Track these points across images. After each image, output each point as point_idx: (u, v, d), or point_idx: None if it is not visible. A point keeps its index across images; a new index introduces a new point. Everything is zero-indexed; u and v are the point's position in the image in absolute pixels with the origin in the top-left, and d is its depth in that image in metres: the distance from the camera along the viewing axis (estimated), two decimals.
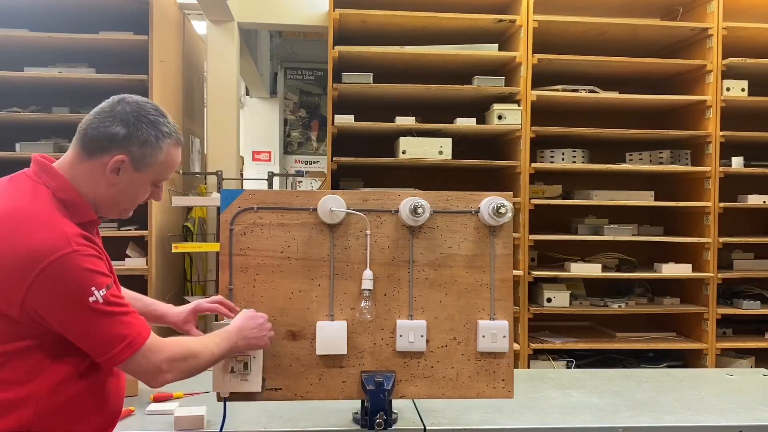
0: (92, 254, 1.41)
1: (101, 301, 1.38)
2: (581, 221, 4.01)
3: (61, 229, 1.38)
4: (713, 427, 2.00)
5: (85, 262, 1.38)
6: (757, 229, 4.34)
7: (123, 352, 1.42)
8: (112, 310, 1.40)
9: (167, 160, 1.54)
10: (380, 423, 1.79)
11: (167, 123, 1.53)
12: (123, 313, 1.43)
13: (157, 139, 1.50)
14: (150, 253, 3.69)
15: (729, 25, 3.78)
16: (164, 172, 1.56)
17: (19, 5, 3.85)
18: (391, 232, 1.89)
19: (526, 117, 3.73)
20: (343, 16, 3.64)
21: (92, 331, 1.40)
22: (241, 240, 1.85)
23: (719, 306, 3.84)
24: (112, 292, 1.41)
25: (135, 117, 1.49)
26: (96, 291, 1.38)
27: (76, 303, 1.37)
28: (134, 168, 1.49)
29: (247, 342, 1.71)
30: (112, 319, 1.40)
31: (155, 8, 3.66)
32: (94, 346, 1.42)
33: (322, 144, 8.39)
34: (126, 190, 1.52)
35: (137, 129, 1.48)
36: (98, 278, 1.39)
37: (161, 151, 1.51)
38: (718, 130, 3.82)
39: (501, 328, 1.87)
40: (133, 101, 1.52)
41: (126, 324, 1.43)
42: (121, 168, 1.48)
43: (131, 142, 1.47)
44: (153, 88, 3.63)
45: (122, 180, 1.49)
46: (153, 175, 1.54)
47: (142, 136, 1.48)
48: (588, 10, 3.94)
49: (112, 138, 1.46)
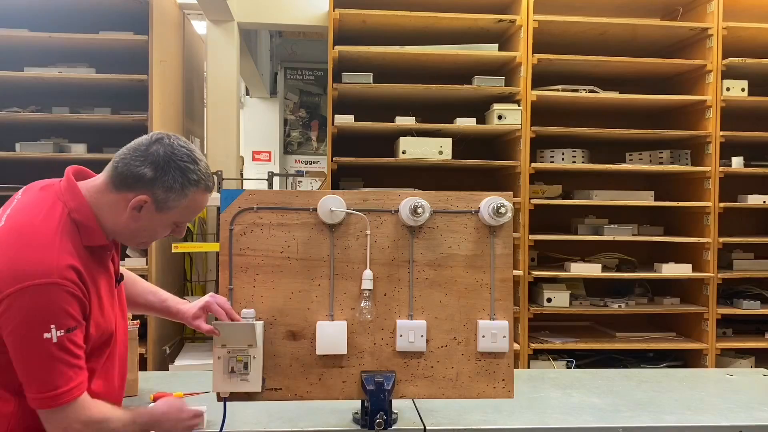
0: (71, 292, 1.41)
1: (54, 341, 1.38)
2: (581, 221, 4.01)
3: (55, 258, 1.40)
4: (713, 427, 1.99)
5: (59, 298, 1.39)
6: (757, 229, 4.34)
7: (46, 400, 1.40)
8: (60, 355, 1.39)
9: (191, 206, 1.56)
10: (380, 423, 1.79)
11: (197, 170, 1.53)
12: (67, 363, 1.41)
13: (183, 187, 1.51)
14: (150, 253, 3.69)
15: (729, 25, 3.78)
16: (187, 216, 1.58)
17: (19, 5, 3.85)
18: (391, 232, 1.89)
19: (526, 117, 3.73)
20: (343, 16, 3.64)
21: (31, 365, 1.40)
22: (241, 240, 1.85)
23: (719, 306, 3.84)
24: (70, 337, 1.41)
25: (165, 161, 1.50)
26: (54, 329, 1.38)
27: (30, 332, 1.38)
28: (156, 209, 1.51)
29: (164, 428, 1.63)
30: (54, 363, 1.39)
31: (155, 8, 3.66)
32: (25, 380, 1.42)
33: (322, 144, 8.39)
34: (146, 227, 1.55)
35: (165, 174, 1.49)
36: (63, 318, 1.39)
37: (186, 197, 1.53)
38: (718, 130, 3.82)
39: (501, 328, 1.87)
40: (168, 144, 1.52)
41: (63, 375, 1.41)
42: (143, 207, 1.50)
43: (156, 186, 1.49)
44: (153, 88, 3.63)
45: (143, 218, 1.52)
46: (175, 217, 1.56)
47: (168, 182, 1.50)
48: (588, 10, 3.94)
49: (139, 178, 1.49)
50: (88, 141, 3.75)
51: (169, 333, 4.10)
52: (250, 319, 1.80)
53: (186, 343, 4.32)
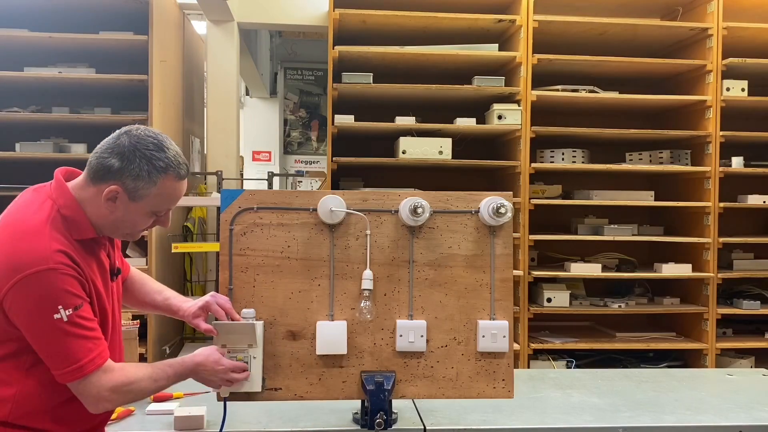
0: (69, 274, 1.47)
1: (65, 320, 1.45)
2: (581, 221, 4.01)
3: (46, 246, 1.46)
4: (713, 427, 2.00)
5: (59, 281, 1.45)
6: (757, 229, 4.34)
7: (72, 373, 1.48)
8: (74, 330, 1.47)
9: (163, 193, 1.57)
10: (380, 423, 1.80)
11: (164, 158, 1.55)
12: (83, 337, 1.48)
13: (149, 174, 1.53)
14: (150, 253, 3.69)
15: (729, 25, 3.78)
16: (162, 204, 1.59)
17: (19, 5, 3.85)
18: (391, 232, 1.89)
19: (526, 117, 3.73)
20: (343, 16, 3.64)
21: (50, 346, 1.47)
22: (241, 240, 1.85)
23: (719, 306, 3.84)
24: (80, 314, 1.48)
25: (130, 151, 1.53)
26: (62, 310, 1.45)
27: (41, 317, 1.45)
28: (129, 198, 1.54)
29: (200, 378, 1.70)
30: (70, 339, 1.47)
31: (155, 8, 3.66)
32: (49, 361, 1.49)
33: (322, 144, 8.39)
34: (124, 218, 1.57)
35: (131, 162, 1.52)
36: (67, 298, 1.46)
37: (155, 185, 1.54)
38: (718, 130, 3.82)
39: (501, 328, 1.87)
40: (135, 135, 1.55)
41: (82, 348, 1.48)
42: (117, 198, 1.54)
43: (124, 175, 1.53)
44: (153, 88, 3.63)
45: (119, 208, 1.55)
46: (150, 206, 1.58)
47: (134, 171, 1.52)
48: (588, 10, 3.94)
49: (108, 169, 1.53)
50: (88, 141, 3.75)
51: (168, 333, 4.10)
52: (250, 319, 1.80)
53: (186, 342, 4.33)
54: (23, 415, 1.49)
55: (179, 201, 1.64)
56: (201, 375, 1.68)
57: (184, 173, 1.60)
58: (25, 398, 1.49)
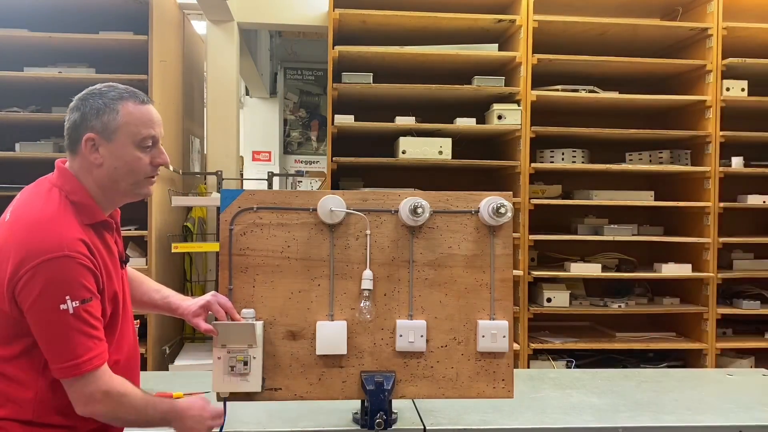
0: (84, 264, 1.45)
1: (71, 311, 1.42)
2: (581, 221, 4.01)
3: (59, 233, 1.45)
4: (713, 427, 1.99)
5: (71, 270, 1.43)
6: (757, 229, 4.34)
7: (69, 369, 1.45)
8: (77, 325, 1.44)
9: (131, 120, 1.56)
10: (380, 423, 1.79)
11: (115, 89, 1.57)
12: (85, 334, 1.45)
13: (107, 105, 1.54)
14: (150, 253, 3.69)
15: (729, 25, 3.78)
16: (137, 131, 1.57)
17: (19, 5, 3.85)
18: (391, 232, 1.89)
19: (526, 117, 3.74)
20: (343, 16, 3.64)
21: (51, 337, 1.45)
22: (240, 240, 1.85)
23: (719, 306, 3.84)
24: (87, 308, 1.45)
25: (82, 99, 1.56)
26: (69, 301, 1.42)
27: (47, 304, 1.42)
28: (105, 139, 1.54)
29: (182, 424, 1.61)
30: (72, 333, 1.44)
31: (155, 8, 3.66)
32: (47, 353, 1.46)
33: (322, 144, 8.39)
34: (115, 165, 1.55)
35: (86, 106, 1.55)
36: (77, 289, 1.44)
37: (118, 113, 1.54)
38: (718, 130, 3.82)
39: (501, 328, 1.87)
40: (82, 92, 1.59)
41: (83, 345, 1.45)
42: (95, 144, 1.54)
43: (87, 118, 1.54)
44: (153, 88, 3.63)
45: (104, 155, 1.54)
46: (128, 137, 1.56)
47: (93, 110, 1.54)
48: (588, 10, 3.94)
49: (74, 127, 1.55)
50: None
51: (168, 333, 4.10)
52: (250, 319, 1.80)
53: (186, 343, 4.32)
54: (46, 413, 1.48)
55: (157, 127, 1.60)
56: (186, 422, 1.60)
57: (144, 98, 1.60)
58: (44, 398, 1.48)
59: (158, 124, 1.62)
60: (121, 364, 1.59)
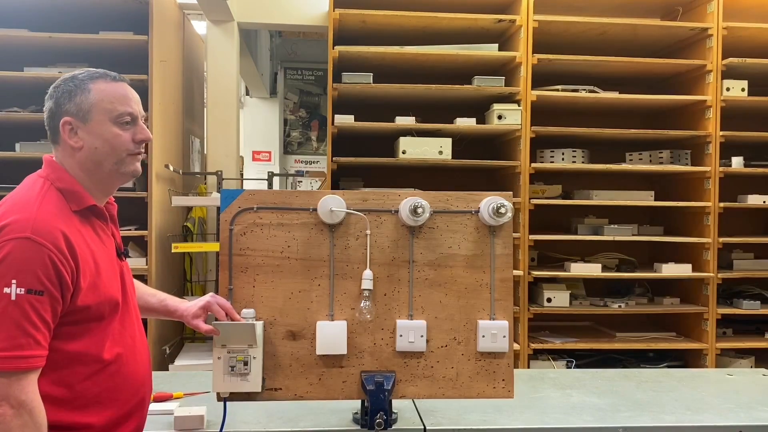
0: (48, 255, 1.37)
1: (13, 297, 1.32)
2: (581, 221, 4.01)
3: (33, 218, 1.41)
4: (713, 427, 2.00)
5: (30, 255, 1.36)
6: (757, 229, 4.34)
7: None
8: (14, 314, 1.32)
9: (104, 97, 1.55)
10: (380, 423, 1.80)
11: (84, 72, 1.58)
12: (20, 327, 1.32)
13: (77, 87, 1.55)
14: (150, 253, 3.69)
15: (729, 25, 3.78)
16: (112, 107, 1.56)
17: (19, 5, 3.85)
18: (391, 232, 1.89)
19: (526, 117, 3.74)
20: (343, 16, 3.65)
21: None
22: (241, 240, 1.85)
23: (719, 306, 3.84)
24: (32, 300, 1.33)
25: (54, 87, 1.58)
26: (14, 285, 1.32)
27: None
28: (81, 121, 1.54)
29: None
30: (4, 320, 1.32)
31: (155, 8, 3.66)
32: None
33: (322, 144, 8.39)
34: (95, 145, 1.54)
35: (57, 92, 1.56)
36: (28, 276, 1.34)
37: (89, 92, 1.55)
38: (718, 130, 3.82)
39: (501, 328, 1.87)
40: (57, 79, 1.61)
41: (12, 339, 1.31)
42: (73, 128, 1.54)
43: (61, 104, 1.55)
44: (153, 88, 3.63)
45: (83, 137, 1.54)
46: (104, 114, 1.55)
47: (65, 94, 1.55)
48: (588, 10, 3.94)
49: (51, 115, 1.56)
50: None
51: (168, 333, 4.10)
52: (250, 319, 1.80)
53: (186, 343, 4.32)
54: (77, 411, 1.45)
55: (134, 104, 1.59)
56: None
57: (116, 76, 1.60)
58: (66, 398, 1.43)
59: (135, 101, 1.60)
60: (124, 357, 1.55)
